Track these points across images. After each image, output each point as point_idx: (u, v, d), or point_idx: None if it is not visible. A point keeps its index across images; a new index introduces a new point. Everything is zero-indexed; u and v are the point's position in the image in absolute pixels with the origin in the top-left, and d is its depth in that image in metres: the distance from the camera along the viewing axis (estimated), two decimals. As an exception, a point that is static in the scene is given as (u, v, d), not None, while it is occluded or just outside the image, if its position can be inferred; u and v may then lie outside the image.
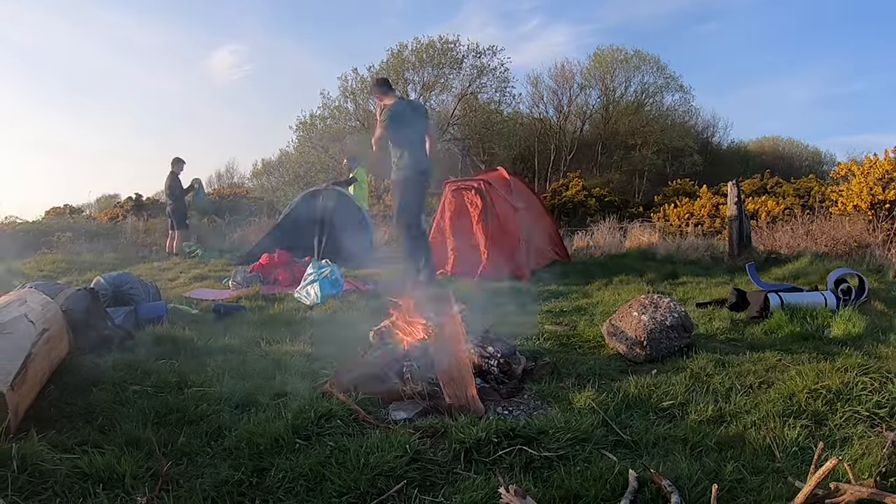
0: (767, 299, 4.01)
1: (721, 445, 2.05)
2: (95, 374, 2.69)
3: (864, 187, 7.80)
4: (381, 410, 2.44)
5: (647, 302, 3.30)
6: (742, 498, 1.69)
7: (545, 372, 2.88)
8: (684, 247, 8.27)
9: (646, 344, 3.07)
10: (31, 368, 2.18)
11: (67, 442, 1.96)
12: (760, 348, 3.23)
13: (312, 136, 20.79)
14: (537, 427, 2.07)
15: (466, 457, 1.94)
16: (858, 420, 2.24)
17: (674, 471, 1.80)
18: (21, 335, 2.26)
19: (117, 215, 13.40)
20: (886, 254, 6.74)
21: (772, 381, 2.68)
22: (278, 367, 2.86)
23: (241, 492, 1.75)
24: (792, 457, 1.96)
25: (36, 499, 1.64)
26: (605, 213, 12.80)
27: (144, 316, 3.81)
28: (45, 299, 2.79)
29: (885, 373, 2.57)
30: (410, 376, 2.56)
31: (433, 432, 2.11)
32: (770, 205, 11.31)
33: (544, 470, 1.87)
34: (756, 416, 2.29)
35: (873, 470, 1.79)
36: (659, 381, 2.67)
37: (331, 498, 1.72)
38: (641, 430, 2.16)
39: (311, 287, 4.75)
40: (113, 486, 1.73)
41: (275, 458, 1.93)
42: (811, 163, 25.31)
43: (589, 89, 22.84)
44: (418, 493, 1.75)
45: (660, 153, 21.78)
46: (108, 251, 9.16)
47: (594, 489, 1.71)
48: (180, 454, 1.97)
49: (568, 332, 3.73)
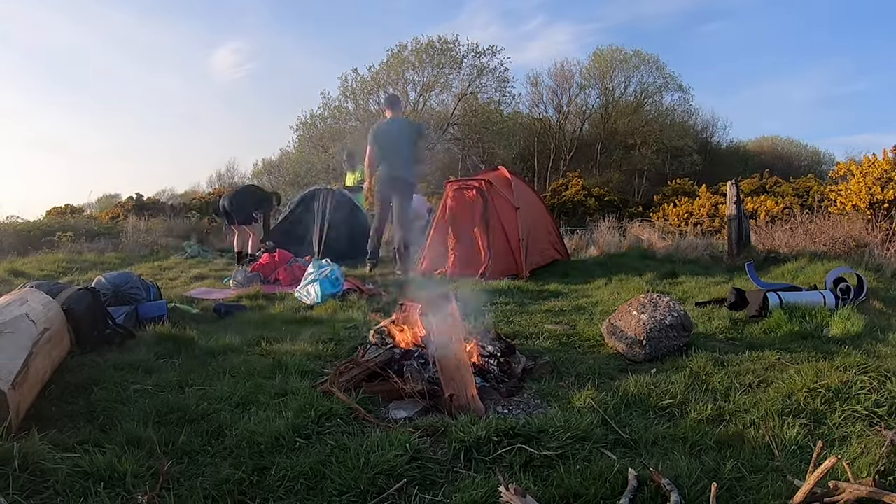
0: (766, 298, 4.01)
1: (720, 444, 2.05)
2: (96, 374, 2.69)
3: (862, 187, 7.79)
4: (381, 409, 2.44)
5: (646, 301, 3.30)
6: (741, 496, 1.69)
7: (545, 371, 2.88)
8: (683, 246, 8.27)
9: (645, 343, 3.07)
10: (33, 367, 2.18)
11: (69, 441, 1.96)
12: (759, 347, 3.22)
13: (313, 135, 20.80)
14: (537, 426, 2.07)
15: (466, 455, 1.94)
16: (857, 419, 2.24)
17: (673, 469, 1.80)
18: (22, 334, 2.26)
19: (118, 215, 13.39)
20: (885, 253, 6.73)
21: (771, 380, 2.68)
22: (279, 366, 2.86)
23: (241, 490, 1.75)
24: (791, 455, 1.96)
25: (37, 497, 1.64)
26: (604, 213, 12.79)
27: (145, 315, 3.80)
28: (47, 299, 2.79)
29: (883, 371, 2.57)
30: (410, 375, 2.56)
31: (433, 431, 2.11)
32: (769, 204, 11.30)
33: (544, 468, 1.87)
34: (755, 414, 2.29)
35: (872, 468, 1.79)
36: (658, 380, 2.67)
37: (331, 496, 1.72)
38: (641, 428, 2.16)
39: (312, 286, 4.75)
40: (114, 484, 1.73)
41: (275, 457, 1.93)
42: (810, 162, 25.30)
43: (588, 89, 22.83)
44: (418, 491, 1.75)
45: (659, 153, 21.76)
46: (109, 251, 9.16)
47: (594, 488, 1.71)
48: (181, 453, 1.97)
49: (568, 331, 3.73)
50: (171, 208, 14.12)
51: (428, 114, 20.61)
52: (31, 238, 9.43)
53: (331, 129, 20.55)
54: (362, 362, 2.69)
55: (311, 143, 20.77)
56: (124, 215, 12.76)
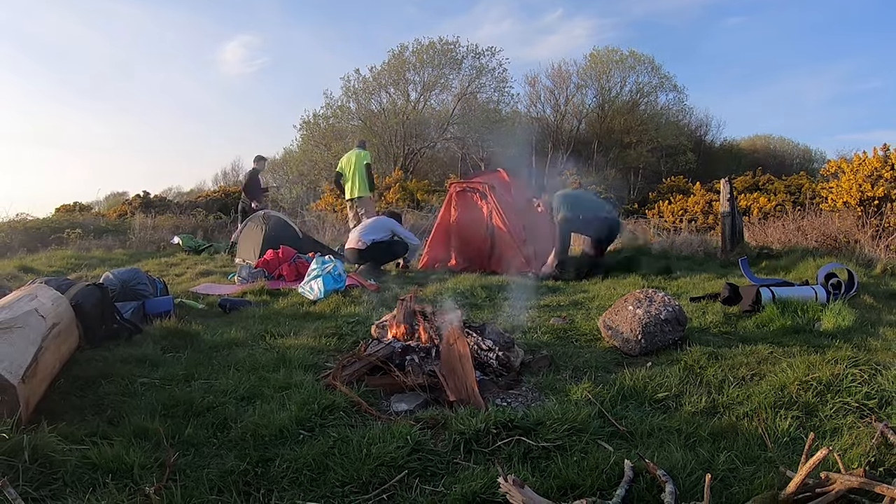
0: (759, 293, 4.00)
1: (714, 436, 2.04)
2: (104, 367, 2.69)
3: (853, 184, 7.77)
4: (382, 402, 2.44)
5: (642, 296, 3.29)
6: (735, 487, 1.69)
7: (543, 364, 2.88)
8: (678, 242, 8.26)
9: (641, 337, 3.06)
10: (42, 361, 2.18)
11: (77, 433, 1.96)
12: (753, 341, 3.22)
13: (315, 134, 20.77)
14: (535, 418, 2.07)
15: (466, 447, 1.94)
16: (848, 411, 2.24)
17: (668, 461, 1.80)
18: (32, 329, 2.25)
19: (125, 212, 13.36)
20: (875, 249, 6.73)
21: (764, 373, 2.67)
22: (283, 360, 2.85)
23: (246, 481, 1.75)
24: (783, 447, 1.96)
25: (47, 489, 1.64)
26: (601, 210, 12.74)
27: (152, 310, 3.80)
28: (56, 294, 2.79)
29: (874, 365, 2.56)
30: (411, 369, 2.56)
31: (434, 423, 2.11)
32: (762, 201, 11.29)
33: (542, 460, 1.86)
34: (748, 407, 2.29)
35: (863, 459, 1.79)
36: (654, 373, 2.67)
37: (334, 487, 1.72)
38: (637, 420, 2.16)
39: (315, 282, 4.74)
40: (122, 476, 1.73)
41: (279, 449, 1.93)
42: (802, 160, 25.25)
43: (585, 89, 22.83)
44: (419, 482, 1.75)
45: (654, 151, 21.74)
46: (117, 247, 9.15)
47: (591, 479, 1.71)
48: (187, 445, 1.97)
49: (565, 325, 3.72)
50: (177, 206, 14.10)
51: (428, 113, 20.59)
52: (40, 235, 9.42)
53: (333, 128, 20.53)
54: (364, 356, 2.69)
55: (314, 141, 20.74)
56: (132, 213, 12.73)
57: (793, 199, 11.36)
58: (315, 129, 20.81)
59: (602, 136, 22.30)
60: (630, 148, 21.88)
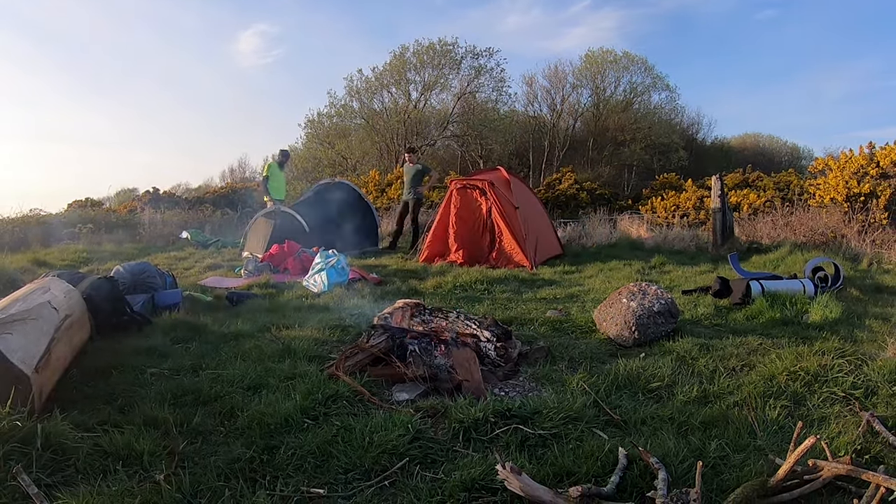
0: (749, 287, 4.00)
1: (706, 424, 2.04)
2: (115, 358, 2.68)
3: (840, 181, 7.76)
4: (384, 392, 2.44)
5: (635, 289, 3.28)
6: (725, 474, 1.69)
7: (539, 355, 2.87)
8: (671, 237, 8.24)
9: (634, 329, 3.06)
10: (55, 352, 2.17)
11: (89, 422, 1.95)
12: (742, 333, 3.22)
13: (319, 132, 20.71)
14: (532, 407, 2.07)
15: (465, 435, 1.94)
16: (835, 400, 2.23)
17: (661, 448, 1.80)
18: (45, 321, 2.24)
19: (135, 208, 13.32)
20: (861, 243, 6.72)
21: (753, 363, 2.67)
22: (288, 351, 2.85)
23: (252, 468, 1.74)
24: (772, 435, 1.96)
25: (59, 475, 1.64)
26: (595, 206, 12.75)
27: (161, 303, 3.79)
28: (68, 287, 2.78)
29: (860, 356, 2.56)
30: (412, 360, 2.55)
31: (434, 412, 2.11)
32: (752, 197, 11.25)
33: (539, 448, 1.86)
34: (738, 396, 2.28)
35: (849, 447, 1.79)
36: (647, 363, 2.66)
37: (337, 474, 1.71)
38: (630, 409, 2.16)
39: (319, 276, 4.73)
40: (132, 463, 1.72)
41: (284, 437, 1.92)
42: (790, 158, 25.19)
43: (581, 88, 22.72)
44: (420, 469, 1.75)
45: (647, 149, 21.68)
46: (127, 242, 9.13)
47: (586, 466, 1.71)
48: (195, 433, 1.96)
49: (561, 317, 3.72)
50: (185, 202, 14.05)
51: (428, 112, 20.50)
52: (53, 230, 9.38)
53: (336, 126, 20.47)
54: (367, 347, 2.68)
55: (318, 139, 20.70)
56: (141, 208, 12.69)
57: (782, 195, 11.31)
58: (319, 128, 20.77)
59: (597, 134, 22.25)
60: (624, 146, 21.82)
